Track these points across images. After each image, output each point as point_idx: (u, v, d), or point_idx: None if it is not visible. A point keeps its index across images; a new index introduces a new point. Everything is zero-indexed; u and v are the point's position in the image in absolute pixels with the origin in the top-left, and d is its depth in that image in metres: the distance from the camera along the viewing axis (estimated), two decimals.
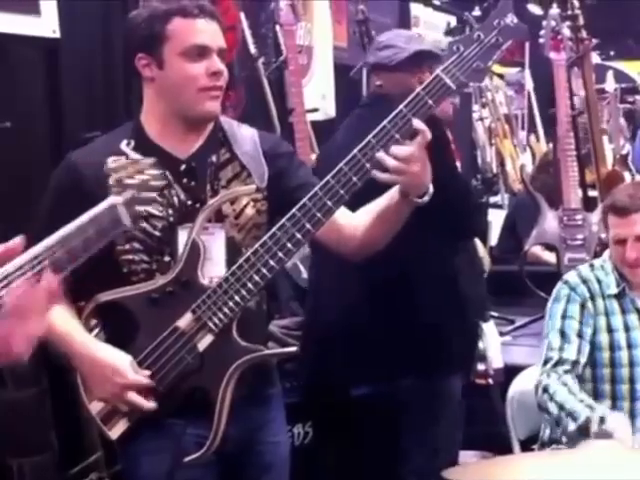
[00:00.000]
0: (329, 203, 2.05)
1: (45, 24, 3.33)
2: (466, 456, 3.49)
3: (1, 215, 3.13)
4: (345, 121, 3.22)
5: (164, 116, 2.20)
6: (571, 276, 2.91)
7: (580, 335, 2.82)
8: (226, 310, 2.08)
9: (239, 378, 2.12)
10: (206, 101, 2.16)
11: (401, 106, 2.06)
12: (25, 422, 2.85)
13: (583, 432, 2.56)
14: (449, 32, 6.98)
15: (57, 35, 3.36)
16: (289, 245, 2.06)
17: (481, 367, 3.69)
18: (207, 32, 2.15)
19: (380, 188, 2.16)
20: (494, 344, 3.75)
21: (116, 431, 2.14)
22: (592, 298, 2.85)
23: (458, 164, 4.80)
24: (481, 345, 3.68)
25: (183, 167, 2.19)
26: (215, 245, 2.16)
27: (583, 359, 2.80)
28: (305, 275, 3.59)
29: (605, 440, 2.27)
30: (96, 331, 2.19)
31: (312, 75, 5.29)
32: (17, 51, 3.29)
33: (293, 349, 2.24)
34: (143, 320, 2.12)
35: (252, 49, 4.39)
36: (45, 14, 3.33)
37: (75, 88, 3.52)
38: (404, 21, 6.89)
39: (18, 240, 1.46)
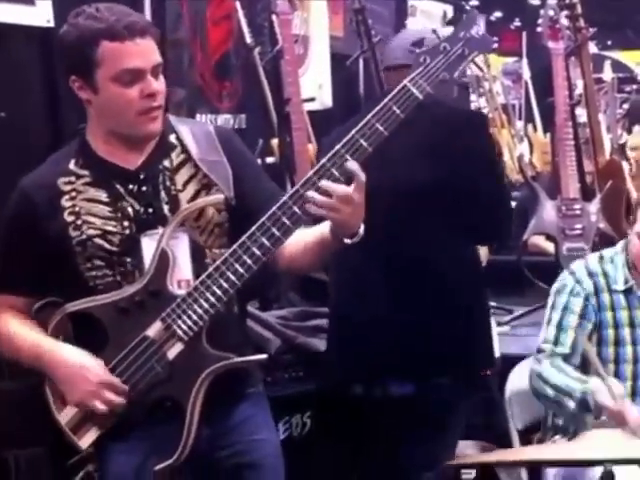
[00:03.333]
0: (298, 211, 2.04)
1: (39, 13, 3.32)
2: (464, 446, 3.48)
3: None
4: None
5: (107, 134, 2.19)
6: (578, 268, 2.87)
7: (578, 329, 2.80)
8: (195, 318, 2.08)
9: (213, 378, 2.11)
10: (145, 123, 2.13)
11: (369, 116, 2.08)
12: (21, 414, 2.83)
13: (583, 408, 2.58)
14: (450, 22, 6.97)
15: (51, 24, 3.35)
16: (258, 253, 2.05)
17: None
18: (137, 54, 2.08)
19: None
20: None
21: (85, 441, 2.14)
22: (597, 293, 2.82)
23: None
24: None
25: (133, 178, 2.18)
26: (180, 249, 2.15)
27: (576, 356, 2.79)
28: None
29: (604, 429, 2.28)
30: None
31: (308, 65, 5.28)
32: (11, 41, 3.27)
33: (263, 356, 2.21)
34: (112, 329, 2.11)
35: (248, 39, 4.37)
36: (39, 3, 3.33)
37: None
38: (401, 10, 6.88)
39: None
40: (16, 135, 3.23)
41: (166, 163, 2.20)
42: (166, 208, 2.17)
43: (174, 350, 2.09)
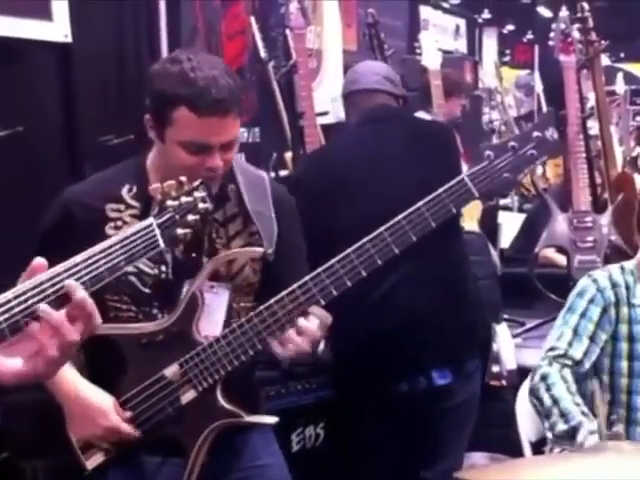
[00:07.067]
0: (331, 287, 2.01)
1: (57, 28, 3.35)
2: (477, 458, 3.50)
3: (13, 218, 3.15)
4: None
5: (166, 175, 2.07)
6: (601, 277, 2.84)
7: (592, 339, 2.78)
8: (212, 371, 2.06)
9: None
10: None
11: (420, 203, 2.04)
12: (38, 424, 2.86)
13: (569, 436, 2.50)
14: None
15: (69, 39, 3.38)
16: (283, 320, 2.02)
17: (495, 369, 3.70)
18: (213, 131, 2.02)
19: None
20: (508, 346, 3.75)
21: (92, 462, 2.12)
22: (617, 304, 2.80)
23: (466, 166, 4.89)
24: (495, 347, 3.70)
25: None
26: (218, 305, 2.12)
27: (588, 363, 2.76)
28: None
29: (616, 441, 2.28)
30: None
31: (322, 78, 5.30)
32: (30, 56, 3.30)
33: (272, 420, 2.19)
34: (132, 360, 2.09)
35: (262, 53, 4.41)
36: (57, 19, 3.34)
37: (88, 92, 3.53)
38: (414, 24, 6.91)
39: (40, 261, 1.44)
40: (33, 149, 3.26)
41: (217, 215, 2.16)
42: (205, 260, 2.12)
43: (187, 396, 2.07)
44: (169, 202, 1.66)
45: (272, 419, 2.19)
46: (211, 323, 2.11)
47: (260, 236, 2.16)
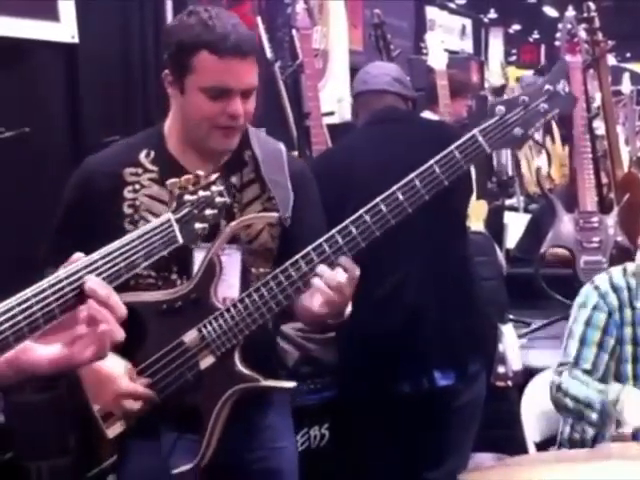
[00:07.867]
0: (344, 248, 2.00)
1: (64, 29, 3.36)
2: (483, 458, 3.49)
3: (20, 217, 3.16)
4: None
5: (184, 135, 2.17)
6: (602, 281, 2.85)
7: (600, 345, 2.79)
8: (230, 335, 2.07)
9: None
10: (218, 138, 2.11)
11: (432, 161, 2.02)
12: (43, 425, 2.87)
13: (606, 418, 2.56)
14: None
15: (76, 40, 3.39)
16: (299, 283, 2.02)
17: (501, 369, 3.70)
18: (233, 73, 2.05)
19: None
20: (513, 346, 3.76)
21: (113, 431, 2.13)
22: (620, 308, 2.80)
23: (474, 170, 4.90)
24: (501, 347, 3.70)
25: None
26: (231, 266, 2.14)
27: (598, 372, 2.78)
28: None
29: (622, 442, 2.27)
30: None
31: (328, 79, 5.31)
32: (36, 56, 3.31)
33: (291, 384, 2.18)
34: (151, 328, 2.11)
35: (268, 53, 4.41)
36: (64, 20, 3.36)
37: (94, 93, 3.54)
38: (420, 25, 6.91)
39: (78, 255, 1.46)
40: (38, 149, 3.27)
41: (234, 179, 2.19)
42: (223, 224, 2.11)
43: (206, 361, 2.08)
44: (187, 197, 1.64)
45: (290, 384, 2.18)
46: (228, 285, 2.13)
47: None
